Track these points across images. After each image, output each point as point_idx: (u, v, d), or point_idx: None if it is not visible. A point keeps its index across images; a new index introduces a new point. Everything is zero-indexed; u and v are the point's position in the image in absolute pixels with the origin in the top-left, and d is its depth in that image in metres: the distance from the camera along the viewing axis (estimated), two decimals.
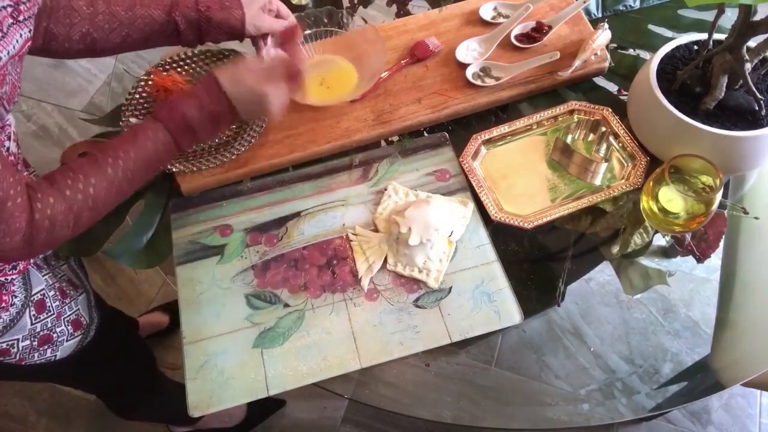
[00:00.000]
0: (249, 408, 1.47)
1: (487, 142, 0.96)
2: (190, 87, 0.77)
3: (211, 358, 0.80)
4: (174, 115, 0.74)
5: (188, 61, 1.03)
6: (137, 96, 0.99)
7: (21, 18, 0.66)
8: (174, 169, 0.91)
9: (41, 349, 0.86)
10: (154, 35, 0.86)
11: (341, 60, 1.06)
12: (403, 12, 1.23)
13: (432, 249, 0.83)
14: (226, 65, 0.78)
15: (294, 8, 1.04)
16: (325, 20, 1.05)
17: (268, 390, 0.78)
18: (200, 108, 0.74)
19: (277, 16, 0.92)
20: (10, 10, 0.64)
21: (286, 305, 0.83)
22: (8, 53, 0.64)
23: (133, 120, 0.96)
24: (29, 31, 0.68)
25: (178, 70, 1.02)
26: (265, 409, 1.49)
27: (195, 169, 0.92)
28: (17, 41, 0.65)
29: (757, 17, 0.79)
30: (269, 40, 0.92)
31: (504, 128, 0.96)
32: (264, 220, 0.91)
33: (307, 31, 1.05)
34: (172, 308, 1.60)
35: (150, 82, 0.98)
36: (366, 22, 1.03)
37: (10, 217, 0.62)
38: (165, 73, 0.98)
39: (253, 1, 0.88)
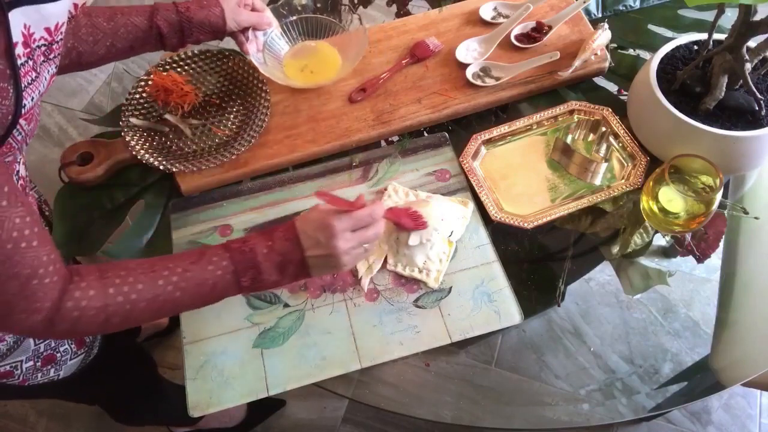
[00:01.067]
0: (249, 408, 1.47)
1: (487, 142, 0.96)
2: (270, 230, 0.71)
3: (211, 358, 0.80)
4: (243, 248, 0.68)
5: (188, 61, 1.03)
6: (137, 96, 0.99)
7: (52, 56, 0.66)
8: (174, 169, 0.91)
9: (45, 369, 0.85)
10: (138, 42, 0.87)
11: (323, 44, 1.06)
12: (403, 12, 1.23)
13: (432, 249, 0.83)
14: (309, 213, 0.70)
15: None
16: (299, 8, 1.06)
17: (268, 390, 0.78)
18: (271, 248, 0.68)
19: (253, 9, 0.94)
20: (43, 48, 0.64)
21: (286, 305, 0.83)
22: (39, 93, 0.64)
23: (133, 120, 0.96)
24: (55, 67, 0.68)
25: (178, 70, 1.02)
26: (265, 409, 1.49)
27: (195, 169, 0.92)
28: (45, 79, 0.65)
29: (757, 17, 0.79)
30: (249, 32, 0.94)
31: (504, 128, 0.96)
32: (264, 220, 0.91)
33: (292, 18, 1.06)
34: None
35: (150, 82, 0.98)
36: (356, 14, 1.04)
37: (32, 295, 0.58)
38: (165, 73, 0.98)
39: None
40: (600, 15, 1.14)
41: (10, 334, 0.77)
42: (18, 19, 0.58)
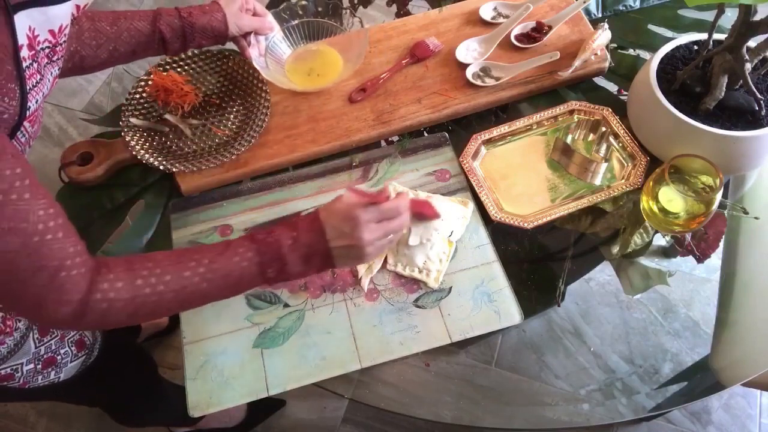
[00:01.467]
0: (249, 408, 1.46)
1: (487, 142, 0.96)
2: (295, 220, 0.71)
3: (211, 358, 0.80)
4: (268, 239, 0.68)
5: (188, 61, 1.03)
6: (137, 96, 0.99)
7: (55, 58, 0.66)
8: (174, 169, 0.91)
9: (45, 371, 0.85)
10: (141, 47, 0.87)
11: (326, 48, 1.07)
12: (403, 12, 1.23)
13: (432, 249, 0.83)
14: (333, 203, 0.70)
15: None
16: (300, 12, 1.06)
17: (268, 390, 0.78)
18: (296, 239, 0.68)
19: (254, 14, 0.94)
20: (47, 51, 0.64)
21: (286, 305, 0.83)
22: (43, 95, 0.64)
23: (133, 120, 0.96)
24: (58, 69, 0.68)
25: (178, 70, 1.02)
26: (265, 409, 1.49)
27: (195, 169, 0.92)
28: (49, 80, 0.66)
29: (757, 17, 0.79)
30: (251, 37, 0.95)
31: (504, 128, 0.96)
32: (264, 220, 0.91)
33: (294, 22, 1.06)
34: None
35: (150, 82, 0.98)
36: (355, 16, 1.04)
37: (60, 287, 0.59)
38: (165, 73, 0.98)
39: (231, 1, 0.90)
40: (600, 15, 1.14)
41: (11, 337, 0.77)
42: (23, 21, 0.58)
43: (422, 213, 0.80)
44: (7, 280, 0.57)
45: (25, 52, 0.58)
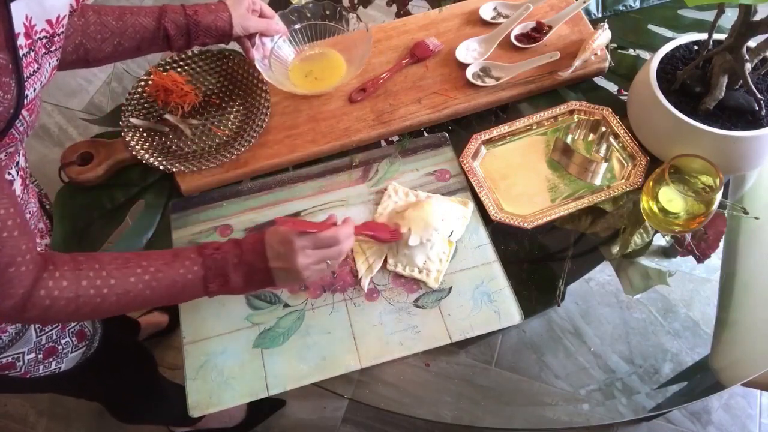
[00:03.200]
0: (249, 408, 1.47)
1: (487, 142, 0.96)
2: (242, 240, 0.73)
3: (211, 358, 0.80)
4: (215, 255, 0.70)
5: (188, 61, 1.03)
6: (137, 96, 0.99)
7: (53, 48, 0.66)
8: (174, 169, 0.91)
9: (46, 361, 0.85)
10: (145, 43, 0.88)
11: (330, 51, 1.07)
12: (403, 12, 1.23)
13: (432, 249, 0.83)
14: (278, 227, 0.72)
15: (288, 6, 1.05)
16: (309, 15, 1.06)
17: (268, 390, 0.78)
18: (240, 258, 0.71)
19: (261, 15, 0.94)
20: (45, 41, 0.64)
21: (286, 305, 0.83)
22: (41, 84, 0.64)
23: (133, 120, 0.96)
24: (56, 60, 0.69)
25: (178, 70, 1.02)
26: (265, 409, 1.49)
27: (195, 169, 0.92)
28: (47, 70, 0.66)
29: (757, 17, 0.79)
30: (256, 39, 0.95)
31: (504, 128, 0.96)
32: (264, 220, 0.91)
33: (300, 25, 1.06)
34: (171, 308, 1.60)
35: (150, 82, 0.98)
36: (358, 17, 1.04)
37: (7, 282, 0.60)
38: (165, 73, 0.98)
39: (238, 2, 0.90)
40: (600, 15, 1.14)
41: (12, 326, 0.78)
42: (20, 10, 0.58)
43: (377, 237, 0.83)
44: None
45: (22, 40, 0.59)
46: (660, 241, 0.90)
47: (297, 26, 1.06)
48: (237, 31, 0.91)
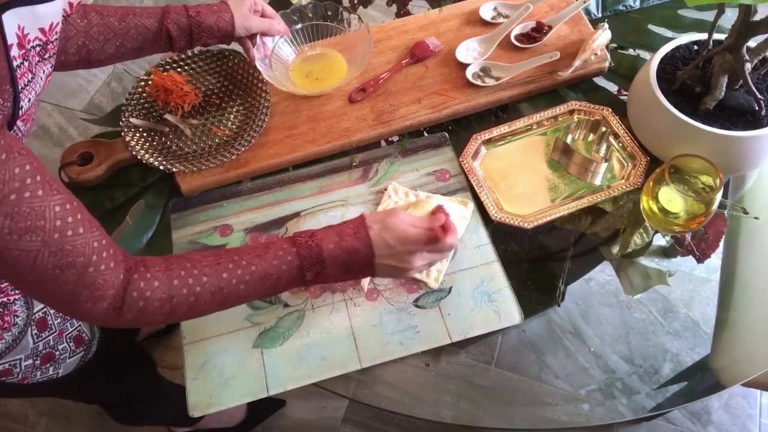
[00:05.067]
0: (249, 408, 1.46)
1: (487, 142, 0.96)
2: (339, 225, 0.71)
3: (211, 358, 0.80)
4: (310, 242, 0.68)
5: (188, 61, 1.03)
6: (137, 96, 0.99)
7: (47, 56, 0.66)
8: (174, 169, 0.91)
9: (44, 367, 0.85)
10: (147, 44, 0.88)
11: (331, 52, 1.07)
12: (403, 12, 1.22)
13: None
14: (389, 218, 0.69)
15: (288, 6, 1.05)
16: (310, 15, 1.06)
17: (268, 390, 0.78)
18: (338, 244, 0.68)
19: (262, 15, 0.94)
20: (38, 49, 0.63)
21: (286, 305, 0.83)
22: (35, 93, 0.64)
23: (133, 120, 0.96)
24: (51, 67, 0.68)
25: (178, 70, 1.02)
26: (265, 409, 1.49)
27: (195, 169, 0.92)
28: (41, 79, 0.65)
29: (757, 17, 0.79)
30: (257, 39, 0.95)
31: (504, 128, 0.96)
32: (264, 220, 0.91)
33: (298, 26, 1.06)
34: None
35: (150, 82, 0.98)
36: (359, 18, 1.04)
37: (92, 283, 0.59)
38: (165, 73, 0.98)
39: (240, 2, 0.90)
40: (600, 15, 1.14)
41: (9, 332, 0.77)
42: (12, 20, 0.57)
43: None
44: (39, 281, 0.57)
45: (15, 51, 0.58)
46: (660, 241, 0.90)
47: (298, 26, 1.06)
48: (239, 32, 0.91)
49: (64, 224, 0.56)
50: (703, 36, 0.90)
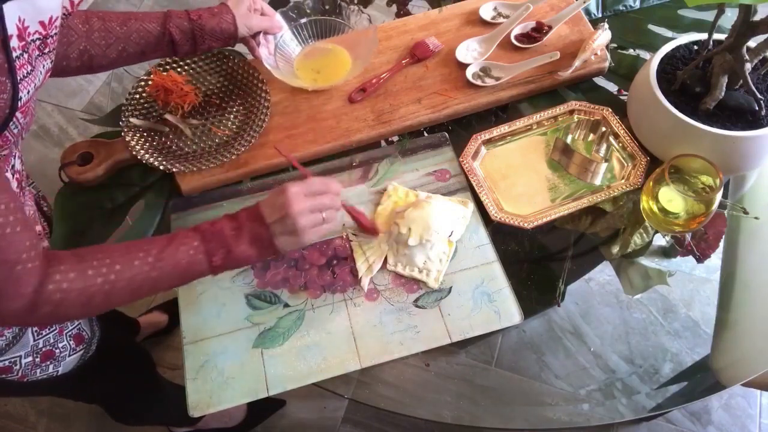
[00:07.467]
0: (249, 408, 1.46)
1: (487, 142, 0.96)
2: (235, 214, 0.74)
3: (211, 358, 0.80)
4: (212, 228, 0.71)
5: (188, 61, 1.03)
6: (137, 96, 0.99)
7: (47, 50, 0.66)
8: (174, 169, 0.91)
9: (43, 365, 0.85)
10: (150, 48, 0.88)
11: (335, 47, 1.07)
12: (403, 12, 1.23)
13: (432, 249, 0.83)
14: (270, 194, 0.74)
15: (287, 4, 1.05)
16: (308, 11, 1.06)
17: (268, 390, 0.78)
18: (238, 227, 0.71)
19: (262, 14, 0.94)
20: (38, 42, 0.64)
21: (286, 305, 0.83)
22: (35, 86, 0.64)
23: (133, 120, 0.96)
24: (50, 62, 0.68)
25: (178, 70, 1.02)
26: (265, 409, 1.49)
27: (195, 169, 0.92)
28: (41, 72, 0.66)
29: (757, 17, 0.79)
30: (260, 37, 0.95)
31: (504, 128, 0.96)
32: None
33: (302, 20, 1.06)
34: (170, 307, 1.60)
35: (150, 82, 0.98)
36: (364, 13, 1.04)
37: (16, 280, 0.59)
38: (165, 73, 0.98)
39: (239, 3, 0.90)
40: (600, 15, 1.14)
41: (9, 329, 0.77)
42: (13, 12, 0.58)
43: (357, 220, 0.85)
44: None
45: (15, 42, 0.59)
46: (660, 241, 0.90)
47: (303, 21, 1.06)
48: (242, 32, 0.91)
49: (5, 222, 0.58)
50: (703, 36, 0.90)
